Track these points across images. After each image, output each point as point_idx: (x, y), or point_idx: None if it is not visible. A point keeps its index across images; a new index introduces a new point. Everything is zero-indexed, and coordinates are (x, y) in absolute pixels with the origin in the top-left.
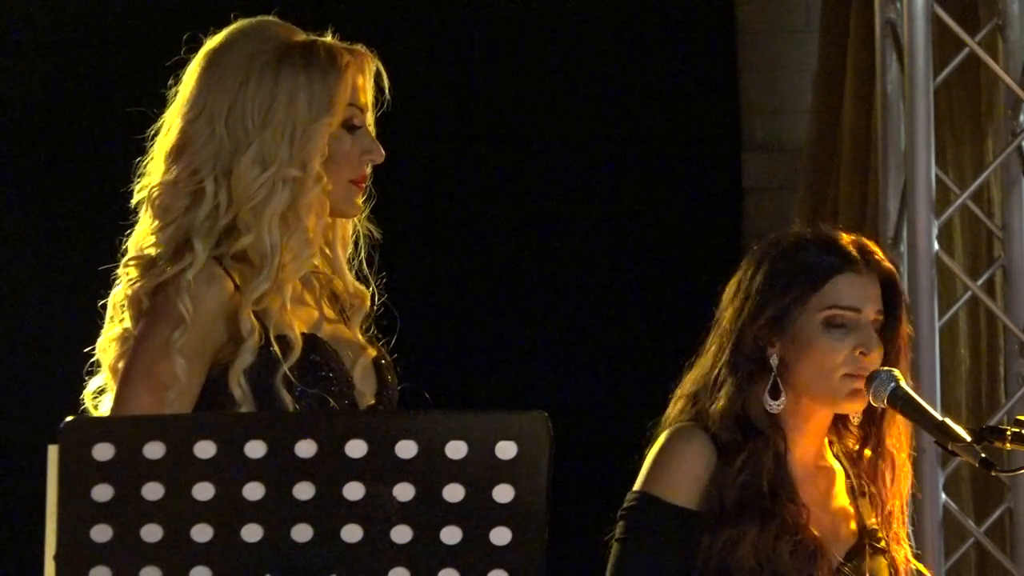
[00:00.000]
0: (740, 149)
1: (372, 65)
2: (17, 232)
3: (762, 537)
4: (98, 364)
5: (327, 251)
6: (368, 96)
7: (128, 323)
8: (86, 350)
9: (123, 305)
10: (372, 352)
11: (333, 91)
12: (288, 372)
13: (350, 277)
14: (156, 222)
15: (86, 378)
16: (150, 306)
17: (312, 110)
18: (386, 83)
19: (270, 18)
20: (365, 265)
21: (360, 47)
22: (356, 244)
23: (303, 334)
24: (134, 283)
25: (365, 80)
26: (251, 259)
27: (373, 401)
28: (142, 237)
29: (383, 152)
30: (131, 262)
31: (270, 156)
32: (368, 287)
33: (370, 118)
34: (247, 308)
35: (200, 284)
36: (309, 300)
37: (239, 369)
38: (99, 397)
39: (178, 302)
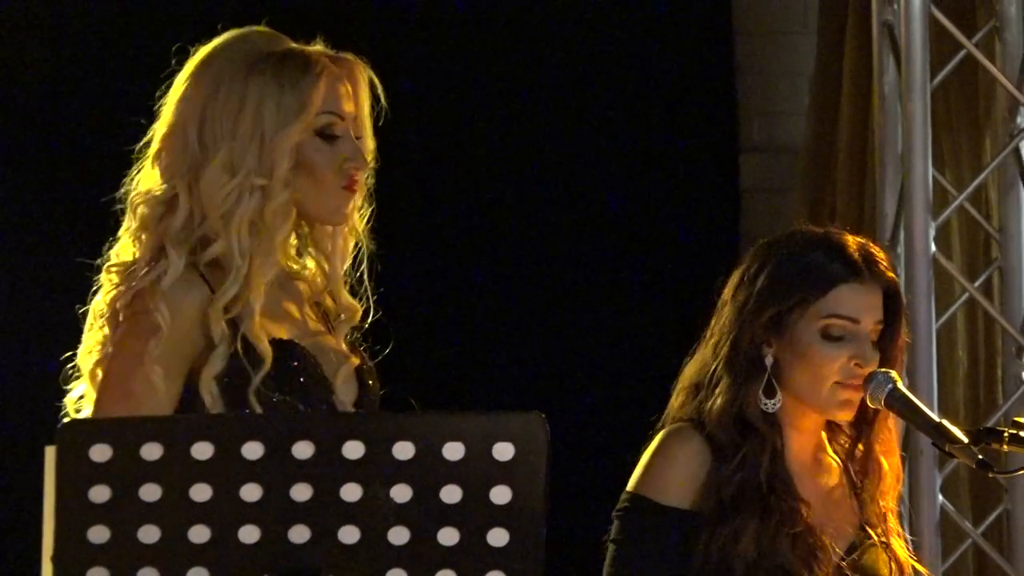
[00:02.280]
0: (737, 151)
1: (361, 73)
2: (15, 232)
3: (762, 529)
4: (79, 371)
5: (324, 264)
6: (353, 104)
7: (107, 330)
8: (66, 355)
9: (103, 313)
10: (355, 360)
11: (303, 98)
12: (261, 383)
13: (344, 292)
14: (136, 230)
15: (66, 386)
16: (127, 315)
17: (280, 117)
18: (380, 91)
19: (257, 28)
20: (366, 276)
21: (348, 55)
22: (355, 257)
23: (283, 340)
24: (112, 291)
25: (352, 88)
26: (223, 266)
27: (352, 409)
28: (123, 244)
29: (366, 160)
30: (112, 268)
31: (238, 163)
32: (362, 302)
33: (367, 126)
34: (217, 314)
35: (178, 291)
36: (291, 307)
37: (209, 376)
38: (80, 402)
39: (155, 311)
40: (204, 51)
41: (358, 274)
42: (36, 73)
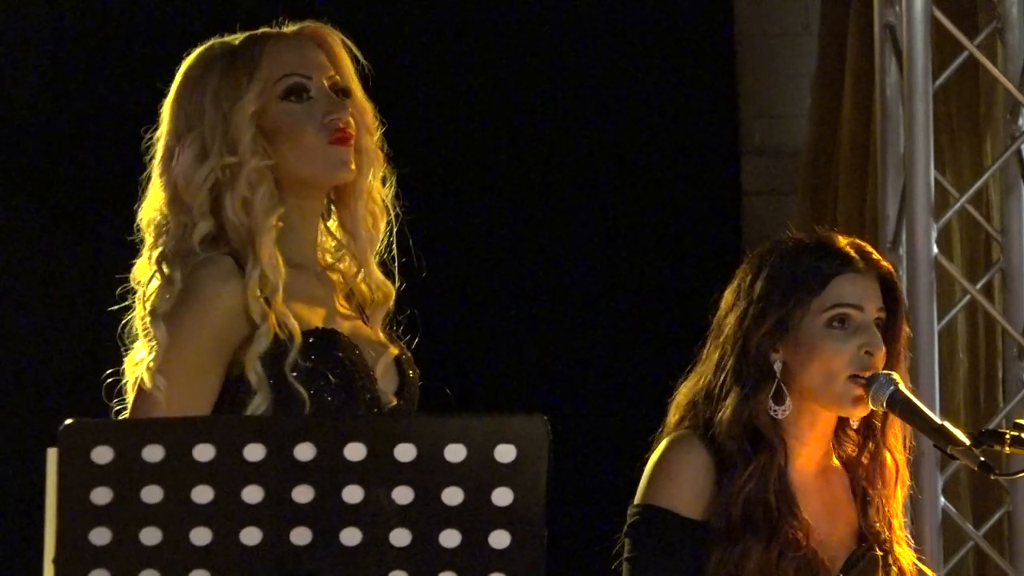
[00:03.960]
0: (739, 153)
1: (332, 37)
2: (18, 233)
3: (767, 555)
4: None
5: (353, 244)
6: (330, 67)
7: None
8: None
9: (135, 336)
10: (394, 350)
11: (252, 67)
12: (301, 360)
13: (376, 271)
14: (148, 245)
15: (110, 402)
16: (147, 334)
17: (234, 92)
18: (355, 50)
19: (227, 36)
20: (395, 252)
21: (309, 22)
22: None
23: (323, 329)
24: (137, 313)
25: (327, 53)
26: (234, 247)
27: (394, 400)
28: (140, 264)
29: (346, 107)
30: (138, 293)
31: (208, 147)
32: (394, 283)
33: (355, 86)
34: (253, 293)
35: (216, 281)
36: (327, 297)
37: (254, 355)
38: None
39: (155, 328)
40: (180, 70)
41: (390, 253)
42: (33, 89)
